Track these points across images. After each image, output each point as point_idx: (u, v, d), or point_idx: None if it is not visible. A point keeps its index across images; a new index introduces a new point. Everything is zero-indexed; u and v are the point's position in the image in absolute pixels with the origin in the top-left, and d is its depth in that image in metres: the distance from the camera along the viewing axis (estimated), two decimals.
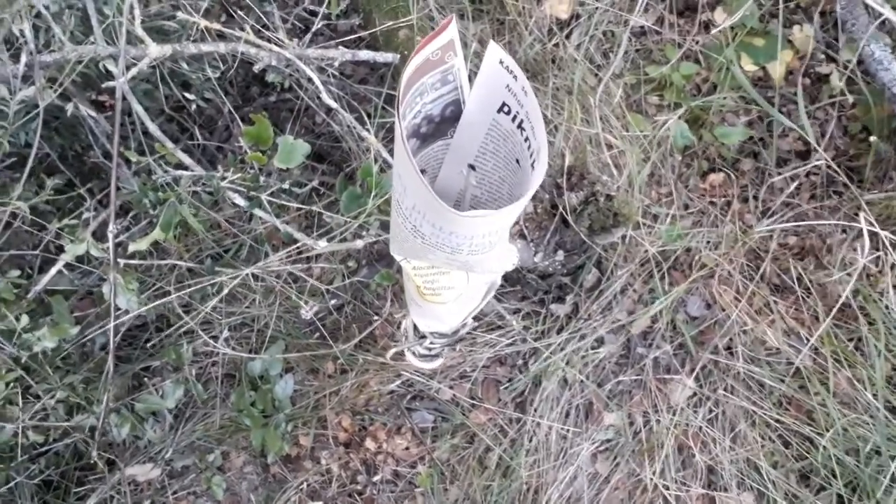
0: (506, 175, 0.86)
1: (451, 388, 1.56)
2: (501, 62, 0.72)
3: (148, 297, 1.55)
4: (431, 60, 0.71)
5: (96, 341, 1.52)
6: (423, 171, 0.85)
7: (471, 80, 0.78)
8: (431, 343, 1.14)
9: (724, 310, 1.45)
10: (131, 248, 1.20)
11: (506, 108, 0.78)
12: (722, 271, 1.45)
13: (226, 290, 1.46)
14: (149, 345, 1.75)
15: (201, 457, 1.70)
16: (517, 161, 0.82)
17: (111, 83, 1.18)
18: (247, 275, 1.59)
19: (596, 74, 1.62)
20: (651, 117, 1.64)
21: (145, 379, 1.72)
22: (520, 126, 0.77)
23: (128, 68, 1.22)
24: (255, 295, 1.74)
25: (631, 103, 1.63)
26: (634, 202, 1.26)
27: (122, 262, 1.29)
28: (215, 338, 1.75)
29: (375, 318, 1.71)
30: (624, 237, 1.40)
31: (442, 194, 0.94)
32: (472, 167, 0.77)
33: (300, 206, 1.37)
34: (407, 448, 1.58)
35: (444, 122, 0.82)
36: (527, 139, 0.76)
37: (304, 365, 1.74)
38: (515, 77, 0.72)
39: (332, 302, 1.73)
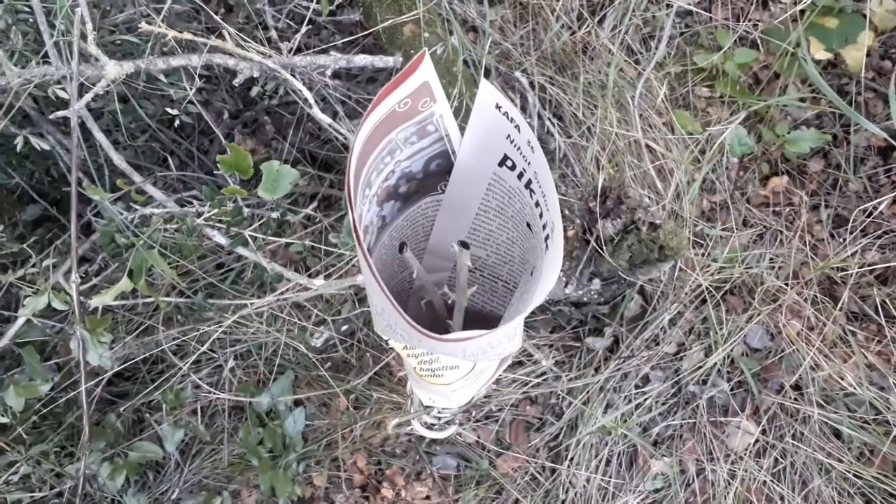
0: (515, 237, 0.67)
1: (475, 430, 1.38)
2: (499, 107, 0.53)
3: (135, 338, 1.40)
4: (399, 112, 0.51)
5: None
6: (404, 243, 0.65)
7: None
8: (440, 413, 0.96)
9: (792, 343, 1.23)
10: (94, 301, 1.04)
11: (509, 163, 0.58)
12: (788, 297, 1.23)
13: (217, 332, 1.30)
14: (149, 377, 1.62)
15: (208, 500, 1.56)
16: (528, 225, 0.62)
17: (61, 112, 1.01)
18: (247, 304, 1.44)
19: (634, 65, 1.39)
20: (700, 113, 1.41)
21: (147, 415, 1.59)
22: (528, 186, 0.57)
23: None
24: (260, 321, 1.58)
25: (676, 98, 1.40)
26: (685, 232, 1.05)
27: (98, 304, 1.14)
28: (220, 367, 1.61)
29: (390, 345, 1.54)
30: (674, 268, 1.19)
31: (436, 253, 0.75)
32: (464, 245, 0.58)
33: (291, 239, 1.19)
34: (427, 497, 1.41)
35: (431, 178, 0.63)
36: (537, 204, 0.57)
37: (315, 398, 1.59)
38: (518, 128, 0.52)
39: (344, 328, 1.56)
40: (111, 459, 1.39)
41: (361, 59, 1.19)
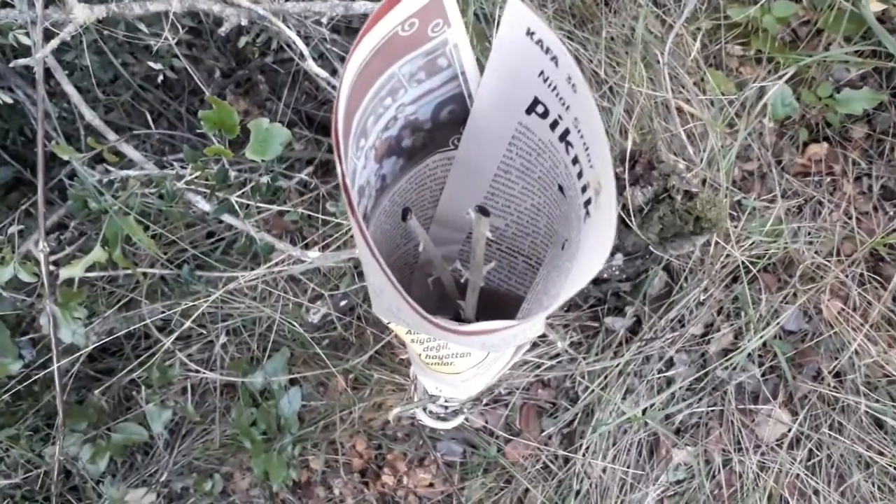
0: (542, 203, 0.55)
1: (482, 415, 1.28)
2: (531, 33, 0.41)
3: (116, 312, 1.30)
4: (402, 37, 0.40)
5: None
6: (408, 209, 0.54)
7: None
8: (447, 402, 0.86)
9: (831, 325, 1.12)
10: (63, 274, 0.93)
11: (539, 109, 0.46)
12: (830, 276, 1.12)
13: (204, 306, 1.20)
14: (134, 353, 1.52)
15: (199, 483, 1.47)
16: (560, 188, 0.51)
17: (24, 60, 0.90)
18: (237, 276, 1.34)
19: (663, 19, 1.27)
20: (733, 72, 1.29)
21: (134, 392, 1.49)
22: (564, 138, 0.46)
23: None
24: (253, 295, 1.48)
25: (707, 56, 1.28)
26: (724, 202, 0.94)
27: (68, 277, 1.03)
28: (211, 343, 1.51)
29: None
30: (707, 243, 1.08)
31: (446, 222, 0.64)
32: (482, 210, 0.47)
33: (282, 207, 1.08)
34: (431, 485, 1.32)
35: (441, 129, 0.52)
36: (576, 160, 0.45)
37: (312, 377, 1.49)
38: (555, 60, 0.41)
39: (342, 303, 1.46)
40: (93, 441, 1.30)
41: (361, 6, 1.07)
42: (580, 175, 0.45)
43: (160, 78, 1.25)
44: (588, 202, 0.44)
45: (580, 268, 0.41)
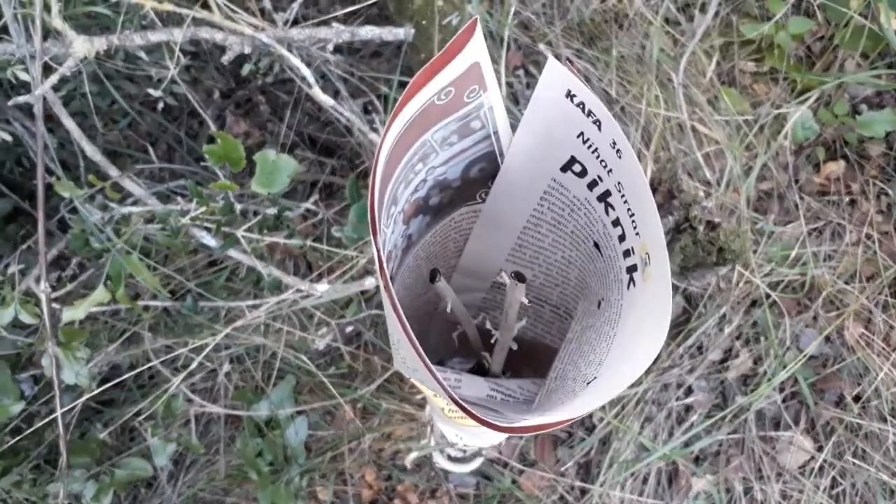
0: (574, 256, 0.53)
1: (496, 445, 1.25)
2: (571, 96, 0.38)
3: (118, 347, 1.26)
4: (437, 105, 0.37)
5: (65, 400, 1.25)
6: (437, 270, 0.51)
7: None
8: (466, 444, 0.83)
9: (853, 350, 1.10)
10: (66, 316, 0.90)
11: (576, 167, 0.44)
12: (852, 299, 1.09)
13: (210, 346, 1.17)
14: (135, 384, 1.49)
15: None
16: (596, 246, 0.48)
17: (23, 98, 0.87)
18: (243, 307, 1.31)
19: (677, 36, 1.24)
20: (746, 90, 1.26)
21: (136, 423, 1.45)
22: (604, 199, 0.43)
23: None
24: (257, 324, 1.45)
25: (720, 73, 1.25)
26: (747, 232, 0.91)
27: (70, 319, 1.00)
28: (214, 371, 1.48)
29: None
30: (731, 269, 1.05)
31: (469, 272, 0.61)
32: (519, 277, 0.44)
33: (288, 242, 1.05)
34: None
35: (470, 186, 0.49)
36: (616, 222, 0.43)
37: (318, 406, 1.45)
38: (598, 124, 0.38)
39: (349, 330, 1.43)
40: (96, 478, 1.27)
41: (368, 32, 1.04)
42: (622, 238, 0.43)
43: (160, 104, 1.22)
44: (632, 268, 0.41)
45: (633, 351, 0.38)
